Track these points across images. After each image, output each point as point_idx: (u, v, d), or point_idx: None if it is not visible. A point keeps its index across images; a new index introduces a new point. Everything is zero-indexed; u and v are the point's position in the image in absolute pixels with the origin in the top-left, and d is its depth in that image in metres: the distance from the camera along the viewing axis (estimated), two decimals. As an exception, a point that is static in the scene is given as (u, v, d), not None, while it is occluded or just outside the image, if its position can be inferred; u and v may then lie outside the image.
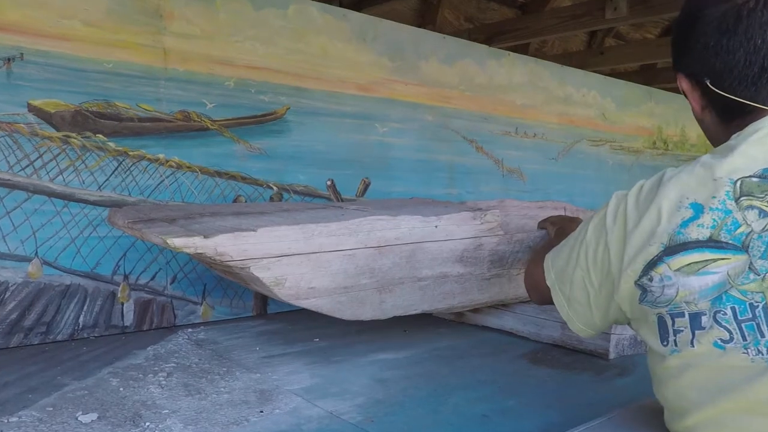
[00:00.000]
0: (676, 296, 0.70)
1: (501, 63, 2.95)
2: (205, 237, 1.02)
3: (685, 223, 0.70)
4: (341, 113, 2.32)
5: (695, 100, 0.84)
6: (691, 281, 0.69)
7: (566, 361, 1.58)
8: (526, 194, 3.04)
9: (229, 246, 1.05)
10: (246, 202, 2.06)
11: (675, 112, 4.12)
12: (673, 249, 0.70)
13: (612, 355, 1.57)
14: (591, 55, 3.40)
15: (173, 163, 1.91)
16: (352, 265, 1.22)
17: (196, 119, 1.96)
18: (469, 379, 1.41)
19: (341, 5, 2.99)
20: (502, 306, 1.75)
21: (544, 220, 1.69)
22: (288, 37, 2.16)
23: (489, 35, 2.90)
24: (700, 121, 0.88)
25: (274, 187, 2.13)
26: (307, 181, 2.21)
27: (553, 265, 0.91)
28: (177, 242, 0.99)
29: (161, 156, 1.89)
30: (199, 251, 1.02)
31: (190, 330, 1.86)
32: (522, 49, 3.20)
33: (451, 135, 2.74)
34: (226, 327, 1.92)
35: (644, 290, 0.73)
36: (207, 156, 1.98)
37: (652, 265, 0.72)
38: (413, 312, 1.42)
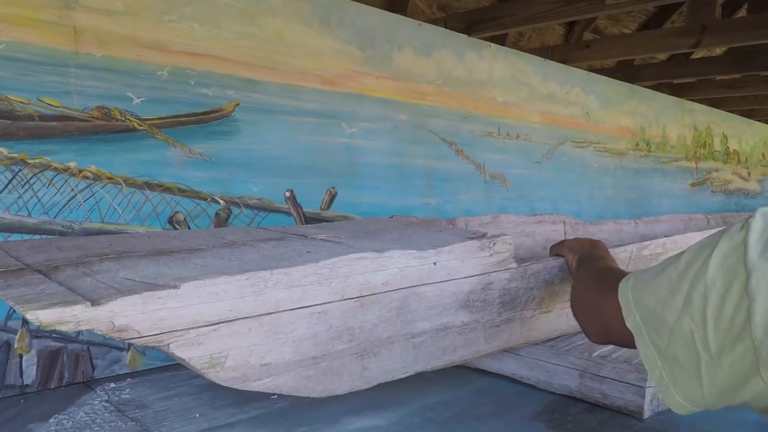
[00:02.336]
0: None
1: (482, 55, 2.63)
2: (93, 304, 0.64)
3: None
4: (301, 111, 1.95)
5: None
6: None
7: (592, 423, 1.25)
8: (509, 202, 2.74)
9: (134, 315, 0.67)
10: (185, 220, 1.67)
11: (656, 112, 3.91)
12: None
13: (647, 414, 1.25)
14: (575, 49, 3.11)
15: (89, 173, 1.51)
16: (324, 327, 0.86)
17: (119, 117, 1.56)
18: (479, 464, 1.07)
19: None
20: (504, 348, 1.41)
21: (559, 245, 1.37)
22: (236, 17, 1.77)
23: (468, 24, 2.58)
24: None
25: (221, 201, 1.74)
26: (261, 192, 1.83)
27: (637, 301, 0.64)
28: (43, 316, 0.61)
29: (72, 164, 1.48)
30: (83, 327, 0.64)
31: (112, 386, 1.46)
32: (499, 42, 2.89)
33: (428, 136, 2.40)
34: (160, 379, 1.52)
35: None
36: (134, 164, 1.58)
37: None
38: (404, 375, 1.07)
